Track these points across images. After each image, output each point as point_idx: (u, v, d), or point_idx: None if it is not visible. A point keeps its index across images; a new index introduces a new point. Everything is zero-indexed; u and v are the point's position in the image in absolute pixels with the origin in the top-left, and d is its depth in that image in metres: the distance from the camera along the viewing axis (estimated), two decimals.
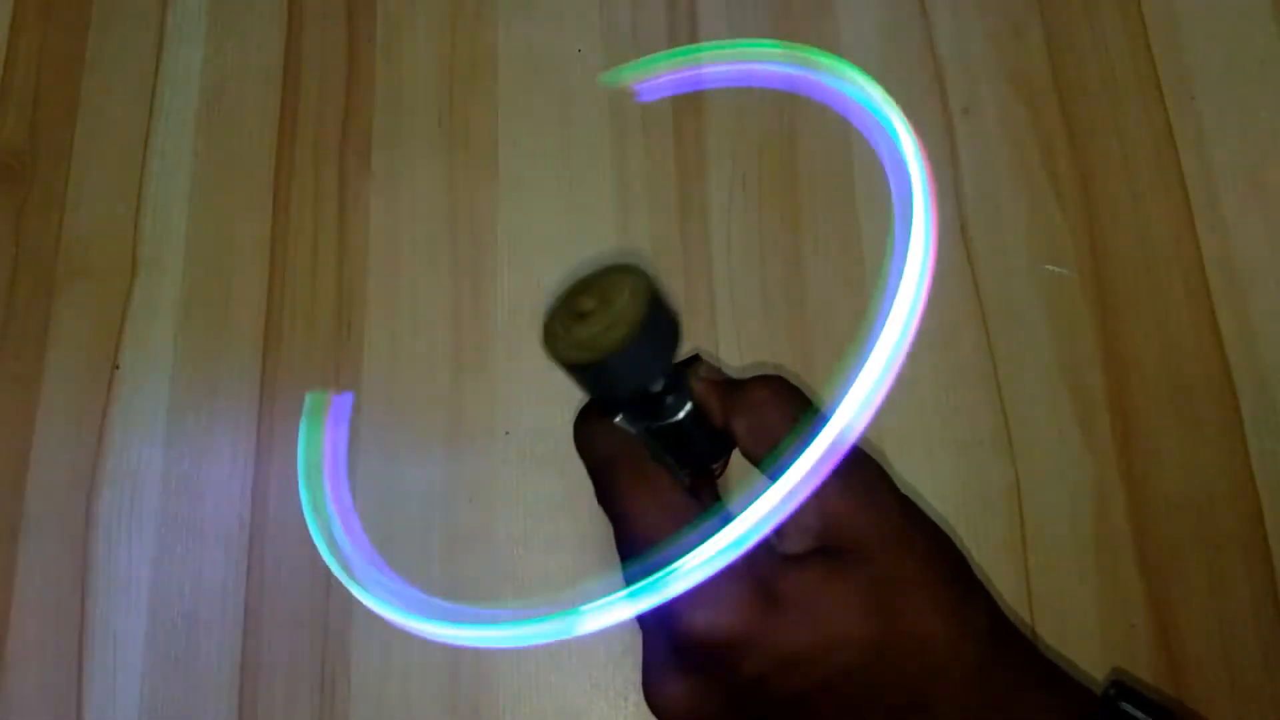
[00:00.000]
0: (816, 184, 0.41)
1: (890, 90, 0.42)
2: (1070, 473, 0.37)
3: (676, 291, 0.40)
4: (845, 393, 0.23)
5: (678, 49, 0.33)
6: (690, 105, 0.42)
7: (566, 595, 0.37)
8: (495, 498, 0.38)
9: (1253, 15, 0.43)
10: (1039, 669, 0.25)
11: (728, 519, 0.22)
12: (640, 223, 0.41)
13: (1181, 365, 0.38)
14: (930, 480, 0.37)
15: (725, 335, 0.39)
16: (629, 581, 0.25)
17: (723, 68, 0.34)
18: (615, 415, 0.27)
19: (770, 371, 0.36)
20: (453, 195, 0.41)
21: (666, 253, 0.40)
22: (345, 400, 0.36)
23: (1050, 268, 0.40)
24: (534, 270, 0.40)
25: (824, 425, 0.23)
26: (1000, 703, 0.24)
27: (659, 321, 0.24)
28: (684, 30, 0.43)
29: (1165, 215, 0.40)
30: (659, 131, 0.42)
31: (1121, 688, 0.26)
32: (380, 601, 0.27)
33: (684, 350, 0.27)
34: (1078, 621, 0.36)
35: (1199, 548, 0.36)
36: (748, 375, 0.28)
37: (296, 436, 0.38)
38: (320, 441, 0.31)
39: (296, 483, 0.38)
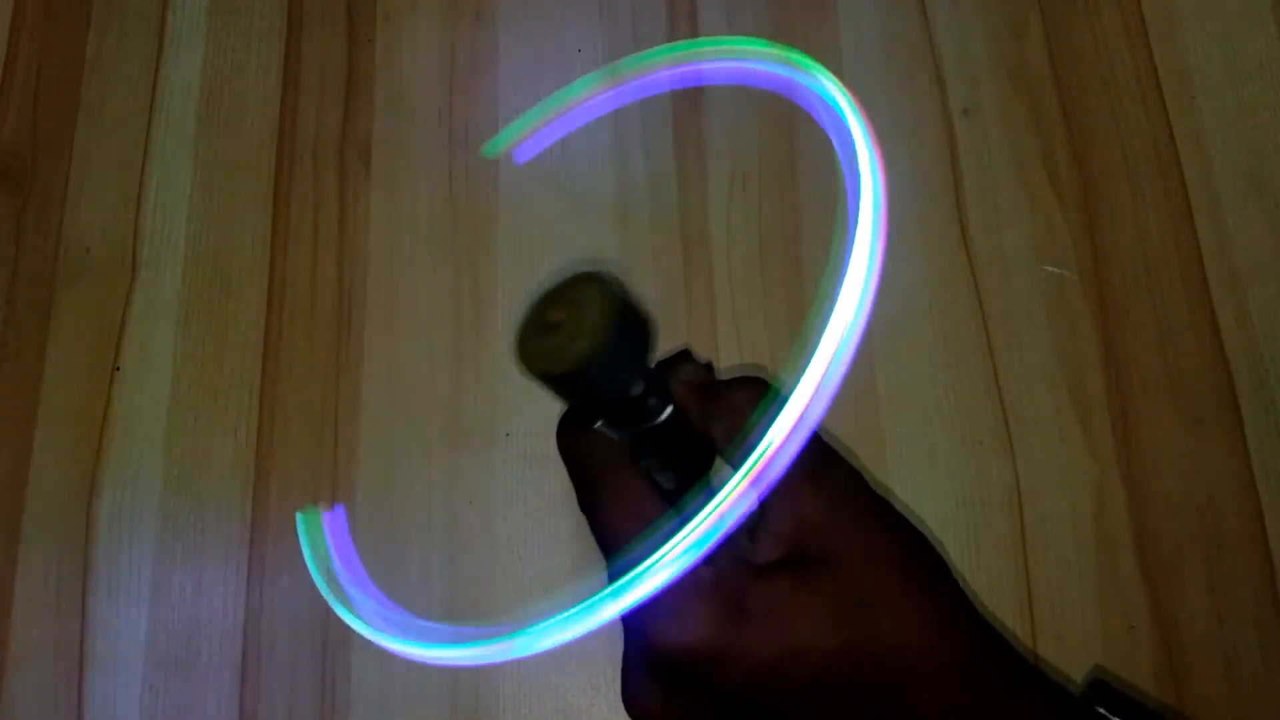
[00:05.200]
0: (816, 184, 0.41)
1: (890, 90, 0.43)
2: (1070, 473, 0.37)
3: (676, 291, 0.40)
4: (800, 379, 0.23)
5: (555, 96, 0.34)
6: (690, 105, 0.42)
7: (565, 598, 0.37)
8: (495, 498, 0.38)
9: (1253, 15, 0.43)
10: (1015, 670, 0.25)
11: (689, 521, 0.23)
12: (640, 223, 0.41)
13: (1181, 365, 0.38)
14: (930, 480, 0.37)
15: (725, 335, 0.39)
16: (611, 583, 0.25)
17: (598, 100, 0.35)
18: (594, 422, 0.27)
19: (754, 373, 0.36)
20: (453, 195, 0.41)
21: (666, 253, 0.40)
22: (339, 520, 0.36)
23: (1050, 268, 0.40)
24: (534, 270, 0.40)
25: (779, 414, 0.23)
26: (976, 704, 0.24)
27: (630, 326, 0.24)
28: (684, 30, 0.43)
29: (1165, 215, 0.40)
30: (659, 131, 0.42)
31: (1099, 689, 0.26)
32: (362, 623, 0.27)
33: (673, 347, 0.27)
34: (1078, 622, 0.36)
35: (1199, 548, 0.36)
36: (738, 374, 0.28)
37: (295, 441, 0.38)
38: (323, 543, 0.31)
39: (296, 484, 0.38)
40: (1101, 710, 0.25)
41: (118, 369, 0.39)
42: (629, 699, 0.26)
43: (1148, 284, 0.39)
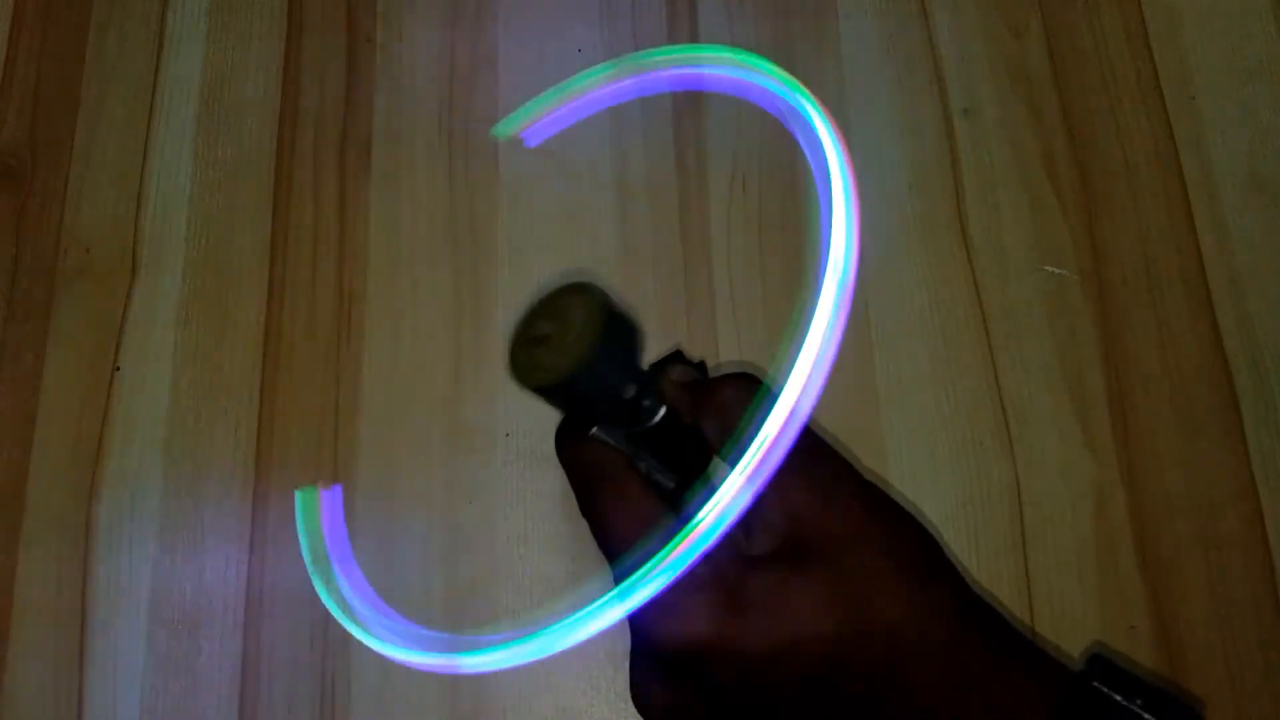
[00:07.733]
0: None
1: (890, 90, 0.43)
2: (1070, 473, 0.37)
3: (676, 291, 0.40)
4: (787, 377, 0.23)
5: (562, 84, 0.34)
6: (690, 105, 0.42)
7: (565, 598, 0.37)
8: (496, 498, 0.38)
9: (1253, 15, 0.43)
10: (1012, 648, 0.25)
11: (689, 521, 0.23)
12: (640, 223, 0.41)
13: (1181, 365, 0.38)
14: (930, 480, 0.37)
15: (725, 335, 0.39)
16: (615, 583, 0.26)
17: (611, 87, 0.34)
18: (590, 427, 0.27)
19: (745, 370, 0.36)
20: (453, 195, 0.41)
21: (666, 253, 0.40)
22: (336, 496, 0.36)
23: (1050, 268, 0.40)
24: (534, 270, 0.40)
25: (771, 410, 0.23)
26: (972, 683, 0.24)
27: (616, 332, 0.24)
28: (684, 31, 0.43)
29: (1165, 215, 0.40)
30: (659, 131, 0.42)
31: (1098, 664, 0.26)
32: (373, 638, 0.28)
33: (666, 348, 0.27)
34: (1078, 622, 0.36)
35: (1199, 548, 0.36)
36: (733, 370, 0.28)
37: (295, 441, 0.38)
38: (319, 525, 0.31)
39: (295, 486, 0.38)
40: (1097, 684, 0.25)
41: (118, 369, 0.39)
42: (636, 693, 0.27)
43: (1148, 284, 0.39)
